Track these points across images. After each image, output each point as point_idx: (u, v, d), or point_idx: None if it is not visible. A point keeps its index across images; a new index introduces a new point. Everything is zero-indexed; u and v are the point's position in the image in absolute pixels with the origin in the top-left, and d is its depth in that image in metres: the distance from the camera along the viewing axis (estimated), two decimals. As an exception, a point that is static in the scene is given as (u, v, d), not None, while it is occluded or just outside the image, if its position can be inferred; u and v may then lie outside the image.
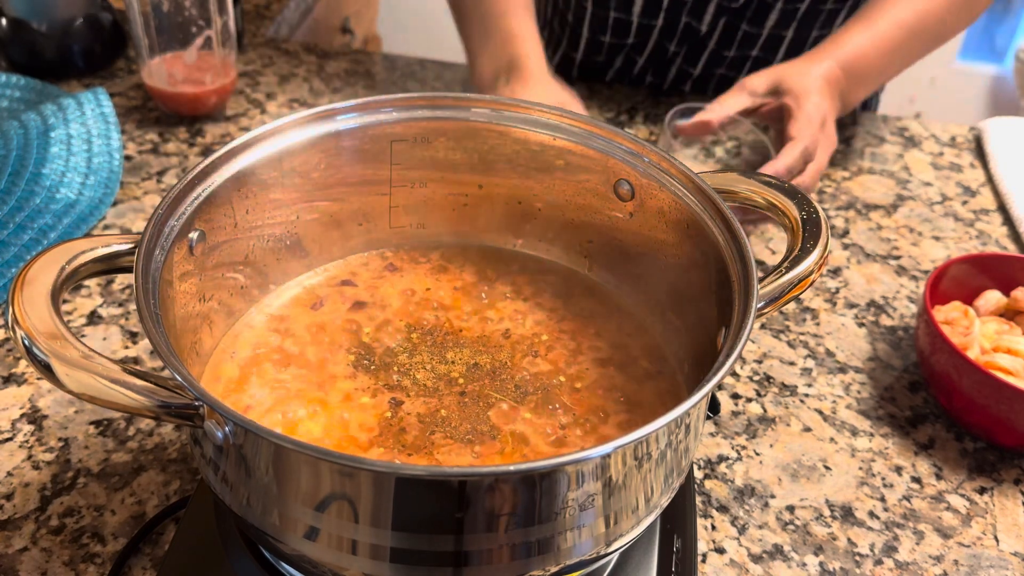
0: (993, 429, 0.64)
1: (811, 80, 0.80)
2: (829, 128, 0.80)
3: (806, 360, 0.73)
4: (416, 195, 0.60)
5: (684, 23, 0.97)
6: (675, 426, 0.42)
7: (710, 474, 0.63)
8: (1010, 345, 0.66)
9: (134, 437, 0.61)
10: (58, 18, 0.96)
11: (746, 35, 0.97)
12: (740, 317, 0.44)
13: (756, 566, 0.57)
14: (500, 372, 0.53)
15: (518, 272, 0.61)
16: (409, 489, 0.38)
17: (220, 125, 0.94)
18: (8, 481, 0.58)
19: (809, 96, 0.79)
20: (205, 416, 0.40)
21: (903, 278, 0.82)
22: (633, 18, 0.97)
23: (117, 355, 0.68)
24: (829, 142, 0.80)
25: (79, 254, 0.44)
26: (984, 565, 0.58)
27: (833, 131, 0.81)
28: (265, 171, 0.53)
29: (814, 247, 0.49)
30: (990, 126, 1.02)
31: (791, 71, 0.82)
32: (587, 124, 0.55)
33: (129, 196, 0.84)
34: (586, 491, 0.39)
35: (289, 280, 0.59)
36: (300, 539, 0.40)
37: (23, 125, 0.84)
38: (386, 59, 1.10)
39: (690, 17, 0.96)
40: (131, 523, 0.56)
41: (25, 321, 0.40)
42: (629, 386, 0.53)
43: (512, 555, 0.40)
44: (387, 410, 0.50)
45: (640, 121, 0.99)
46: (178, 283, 0.48)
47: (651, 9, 0.96)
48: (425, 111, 0.56)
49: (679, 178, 0.52)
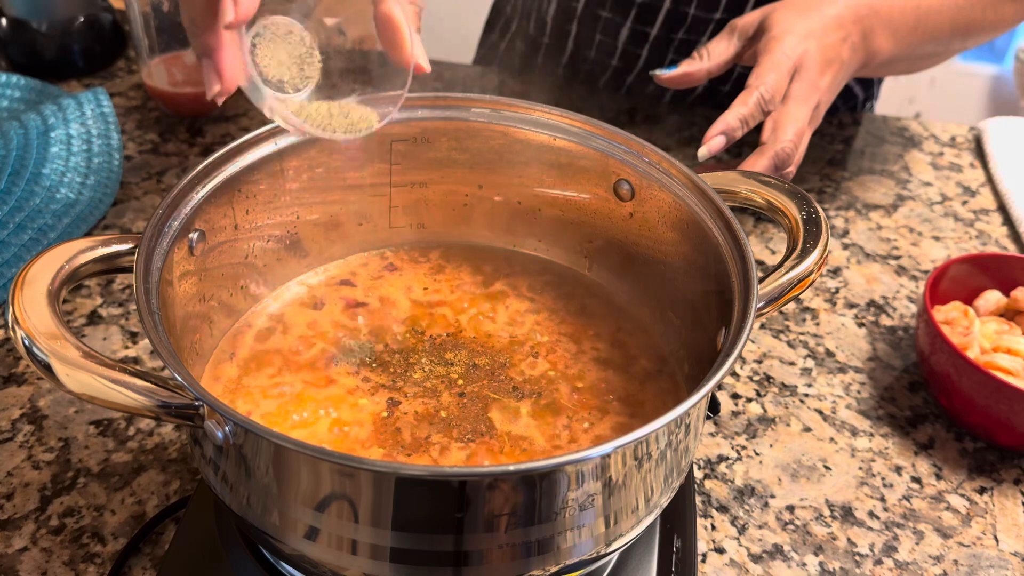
0: (993, 429, 0.64)
1: (802, 20, 0.71)
2: (808, 76, 0.70)
3: (806, 360, 0.73)
4: (416, 195, 0.60)
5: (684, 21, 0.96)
6: (675, 426, 0.42)
7: (710, 474, 0.63)
8: (1010, 345, 0.66)
9: (134, 437, 0.61)
10: (58, 18, 0.96)
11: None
12: (740, 317, 0.44)
13: (756, 566, 0.57)
14: (499, 372, 0.53)
15: (518, 272, 0.61)
16: (409, 489, 0.38)
17: (220, 125, 0.94)
18: (8, 481, 0.58)
19: (783, 39, 0.70)
20: (205, 416, 0.40)
21: (903, 278, 0.82)
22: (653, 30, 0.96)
23: (117, 355, 0.68)
24: (807, 92, 0.70)
25: (79, 254, 0.44)
26: (984, 565, 0.58)
27: (817, 80, 0.70)
28: (265, 171, 0.53)
29: (814, 247, 0.49)
30: (990, 126, 1.02)
31: (786, 6, 0.73)
32: (587, 124, 0.55)
33: (129, 196, 0.84)
34: (586, 491, 0.39)
35: (289, 280, 0.59)
36: (300, 539, 0.40)
37: (23, 125, 0.84)
38: (386, 59, 1.10)
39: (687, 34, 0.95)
40: (131, 523, 0.56)
41: (25, 321, 0.40)
42: (629, 386, 0.53)
43: (512, 555, 0.40)
44: (386, 410, 0.50)
45: (640, 122, 0.99)
46: (178, 283, 0.48)
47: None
48: (425, 111, 0.56)
49: (679, 178, 0.52)
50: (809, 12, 0.72)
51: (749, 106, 0.68)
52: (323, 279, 0.59)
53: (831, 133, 1.00)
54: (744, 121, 0.68)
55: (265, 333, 0.55)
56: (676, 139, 0.96)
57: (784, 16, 0.72)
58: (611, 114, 0.99)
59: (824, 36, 0.71)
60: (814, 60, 0.70)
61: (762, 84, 0.68)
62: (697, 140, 0.97)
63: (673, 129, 0.98)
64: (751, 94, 0.68)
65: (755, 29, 0.73)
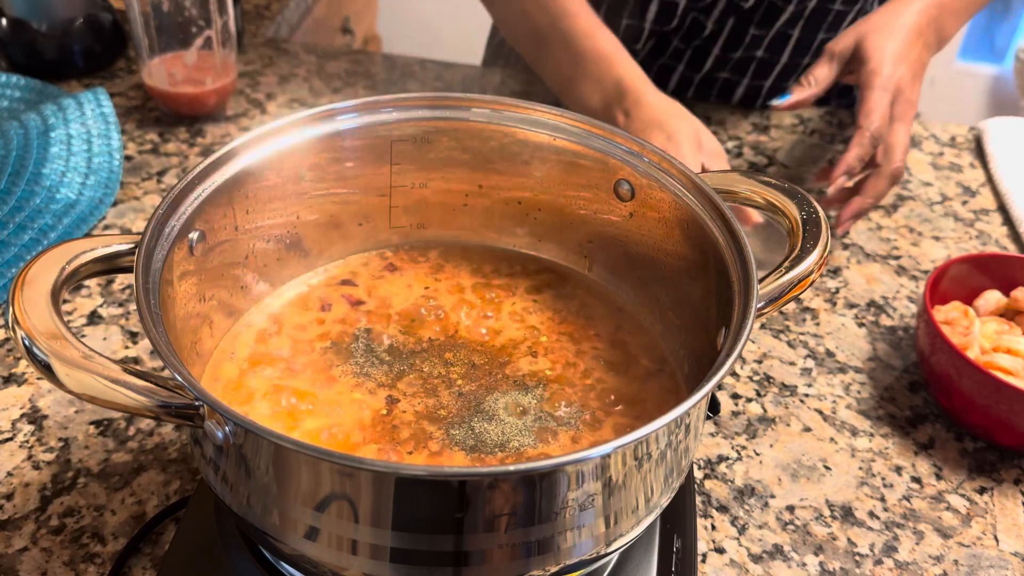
0: (993, 429, 0.64)
1: (891, 42, 0.81)
2: (906, 97, 0.81)
3: (806, 360, 0.73)
4: (416, 195, 0.60)
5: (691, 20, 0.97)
6: (675, 426, 0.42)
7: (710, 474, 0.63)
8: (1010, 345, 0.66)
9: (134, 437, 0.61)
10: (58, 18, 0.96)
11: (754, 37, 0.97)
12: (740, 317, 0.44)
13: (756, 566, 0.57)
14: (498, 372, 0.53)
15: (518, 272, 0.61)
16: (409, 489, 0.38)
17: (220, 125, 0.94)
18: (8, 481, 0.58)
19: (880, 72, 0.80)
20: (205, 416, 0.40)
21: (903, 278, 0.82)
22: (647, 24, 0.97)
23: (117, 355, 0.68)
24: (906, 111, 0.81)
25: (79, 254, 0.44)
26: (984, 565, 0.58)
27: (912, 96, 0.82)
28: (265, 171, 0.53)
29: (814, 247, 0.49)
30: (990, 126, 1.02)
31: (874, 30, 0.82)
32: (587, 124, 0.55)
33: (129, 196, 0.84)
34: (586, 491, 0.39)
35: (289, 280, 0.59)
36: (300, 539, 0.40)
37: (23, 125, 0.84)
38: (386, 59, 1.10)
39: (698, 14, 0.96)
40: (131, 523, 0.56)
41: (25, 321, 0.40)
42: (629, 386, 0.53)
43: (512, 555, 0.40)
44: (385, 408, 0.50)
45: (640, 121, 0.99)
46: (178, 283, 0.48)
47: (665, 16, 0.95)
48: (425, 111, 0.56)
49: (679, 178, 0.52)
50: (894, 31, 0.82)
51: (864, 147, 0.80)
52: (323, 279, 0.59)
53: (831, 133, 1.00)
54: (861, 159, 0.80)
55: (265, 333, 0.55)
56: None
57: (876, 42, 0.81)
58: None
59: (910, 53, 0.82)
60: (907, 81, 0.81)
61: (871, 123, 0.79)
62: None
63: (673, 129, 0.98)
64: (864, 135, 0.80)
65: (851, 53, 0.83)
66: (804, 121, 1.02)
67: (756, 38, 0.97)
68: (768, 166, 0.95)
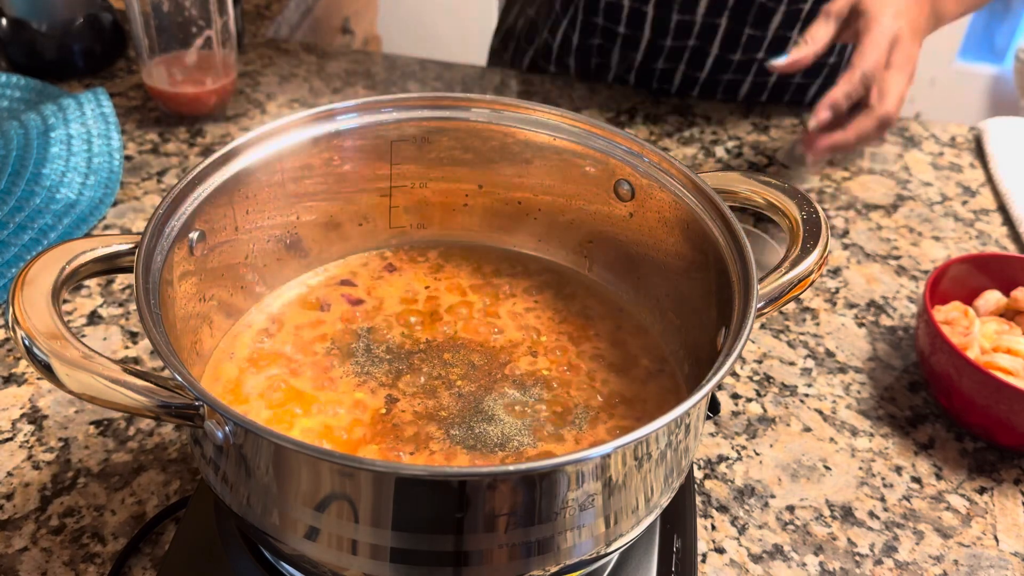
0: (993, 429, 0.64)
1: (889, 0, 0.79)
2: (904, 49, 0.79)
3: (806, 360, 0.73)
4: (416, 195, 0.60)
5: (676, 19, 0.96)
6: (675, 426, 0.42)
7: (710, 474, 0.63)
8: (1010, 345, 0.66)
9: (134, 437, 0.61)
10: (58, 18, 0.96)
11: (751, 38, 0.97)
12: (740, 317, 0.44)
13: (756, 566, 0.57)
14: (498, 372, 0.53)
15: (518, 272, 0.61)
16: (409, 489, 0.38)
17: (220, 125, 0.94)
18: (8, 481, 0.58)
19: (880, 19, 0.78)
20: (205, 416, 0.40)
21: (903, 278, 0.82)
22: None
23: (117, 355, 0.68)
24: (904, 62, 0.79)
25: (79, 254, 0.44)
26: (984, 565, 0.58)
27: (911, 51, 0.80)
28: (265, 171, 0.53)
29: (814, 247, 0.49)
30: (990, 126, 1.02)
31: None
32: (587, 124, 0.55)
33: (129, 196, 0.84)
34: (586, 491, 0.39)
35: (289, 280, 0.59)
36: (300, 539, 0.40)
37: (23, 125, 0.84)
38: (386, 59, 1.10)
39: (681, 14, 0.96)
40: (131, 523, 0.56)
41: (25, 321, 0.40)
42: (629, 386, 0.53)
43: (512, 555, 0.40)
44: (385, 409, 0.50)
45: (640, 122, 0.99)
46: (178, 283, 0.48)
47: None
48: (425, 111, 0.56)
49: (679, 178, 0.52)
50: None
51: (854, 83, 0.76)
52: (323, 279, 0.59)
53: (831, 133, 1.00)
54: (849, 96, 0.77)
55: (265, 333, 0.55)
56: (676, 139, 0.97)
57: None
58: (611, 113, 0.99)
59: (909, 12, 0.80)
60: (906, 35, 0.79)
61: (864, 62, 0.76)
62: (696, 139, 0.97)
63: (673, 129, 0.98)
64: (856, 72, 0.76)
65: (848, 11, 0.80)
66: (804, 121, 1.02)
67: (753, 38, 0.97)
68: (768, 166, 0.95)
